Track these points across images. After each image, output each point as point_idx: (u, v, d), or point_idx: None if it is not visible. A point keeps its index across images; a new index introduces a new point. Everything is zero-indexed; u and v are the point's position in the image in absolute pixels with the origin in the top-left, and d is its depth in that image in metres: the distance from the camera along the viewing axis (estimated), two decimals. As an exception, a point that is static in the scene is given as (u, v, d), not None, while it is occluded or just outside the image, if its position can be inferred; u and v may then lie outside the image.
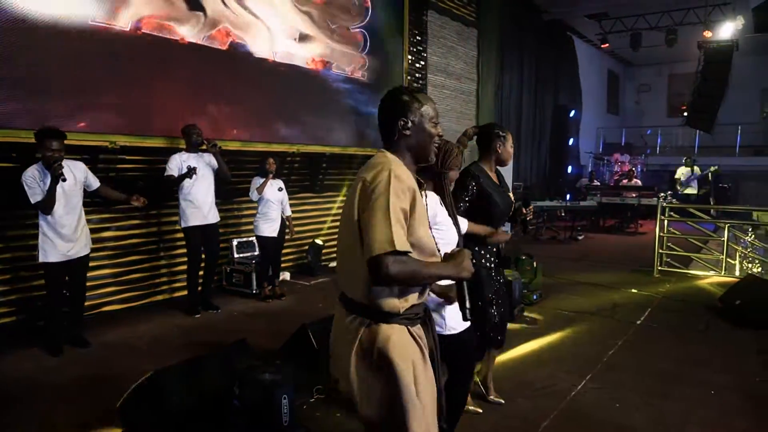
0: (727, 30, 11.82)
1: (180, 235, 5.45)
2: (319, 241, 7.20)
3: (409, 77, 8.74)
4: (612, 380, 3.75)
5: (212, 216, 5.22)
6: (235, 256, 6.12)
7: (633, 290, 6.34)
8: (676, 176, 11.86)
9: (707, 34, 12.18)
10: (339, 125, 7.54)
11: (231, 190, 6.06)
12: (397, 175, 1.60)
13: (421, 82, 9.14)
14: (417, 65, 9.02)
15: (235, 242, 6.15)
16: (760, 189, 14.35)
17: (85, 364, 3.96)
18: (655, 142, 17.86)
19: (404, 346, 1.63)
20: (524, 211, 3.00)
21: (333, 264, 7.56)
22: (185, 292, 5.51)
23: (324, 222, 7.62)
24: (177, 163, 5.00)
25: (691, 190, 11.73)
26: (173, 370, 2.86)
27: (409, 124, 1.73)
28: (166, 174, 4.99)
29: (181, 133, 5.14)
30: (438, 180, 2.48)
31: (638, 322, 5.11)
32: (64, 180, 3.90)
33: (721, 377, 3.80)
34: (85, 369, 3.85)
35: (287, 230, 5.96)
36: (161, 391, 2.71)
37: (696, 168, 11.58)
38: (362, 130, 7.85)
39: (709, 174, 11.74)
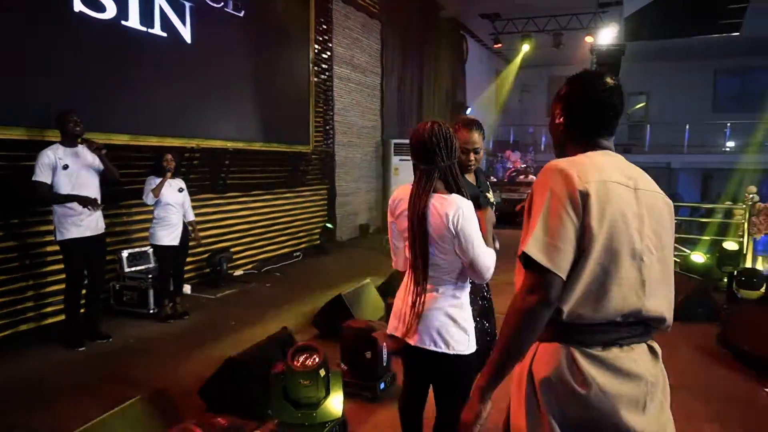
0: (605, 37, 12.69)
1: (51, 248, 4.45)
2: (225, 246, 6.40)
3: (315, 68, 8.15)
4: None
5: (98, 225, 4.28)
6: (126, 270, 5.16)
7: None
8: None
9: (588, 39, 13.02)
10: (241, 117, 6.78)
11: (118, 191, 5.09)
12: None
13: (327, 73, 8.60)
14: (323, 56, 8.46)
15: (125, 254, 5.18)
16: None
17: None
18: (538, 139, 18.95)
19: None
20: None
21: (238, 273, 6.79)
22: (58, 319, 4.51)
23: (229, 226, 6.80)
24: (50, 162, 3.99)
25: None
26: None
27: None
28: (34, 178, 3.97)
29: (55, 122, 4.14)
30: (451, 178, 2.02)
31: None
32: None
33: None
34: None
35: (191, 237, 5.17)
36: None
37: None
38: (267, 125, 7.15)
39: None
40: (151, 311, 5.01)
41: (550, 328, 1.37)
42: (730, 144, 17.23)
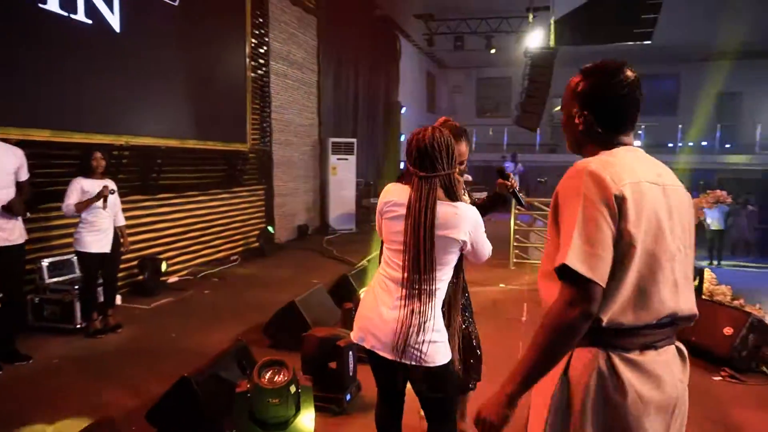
0: (534, 40, 13.12)
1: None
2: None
3: (252, 63, 7.79)
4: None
5: (17, 234, 3.78)
6: (47, 281, 4.62)
7: (501, 285, 6.45)
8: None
9: (519, 42, 13.40)
10: (175, 113, 6.33)
11: (37, 194, 4.55)
12: None
13: (264, 69, 8.25)
14: (260, 50, 8.10)
15: (45, 263, 4.64)
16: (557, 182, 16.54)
17: None
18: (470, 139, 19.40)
19: None
20: (508, 183, 2.51)
21: (172, 280, 6.33)
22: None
23: (161, 230, 6.32)
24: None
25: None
26: None
27: None
28: None
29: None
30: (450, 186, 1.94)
31: (523, 318, 5.12)
32: None
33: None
34: None
35: (121, 243, 4.71)
36: None
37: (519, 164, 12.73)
38: (202, 121, 6.73)
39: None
40: (78, 326, 4.52)
41: (586, 332, 1.30)
42: (640, 144, 18.44)
